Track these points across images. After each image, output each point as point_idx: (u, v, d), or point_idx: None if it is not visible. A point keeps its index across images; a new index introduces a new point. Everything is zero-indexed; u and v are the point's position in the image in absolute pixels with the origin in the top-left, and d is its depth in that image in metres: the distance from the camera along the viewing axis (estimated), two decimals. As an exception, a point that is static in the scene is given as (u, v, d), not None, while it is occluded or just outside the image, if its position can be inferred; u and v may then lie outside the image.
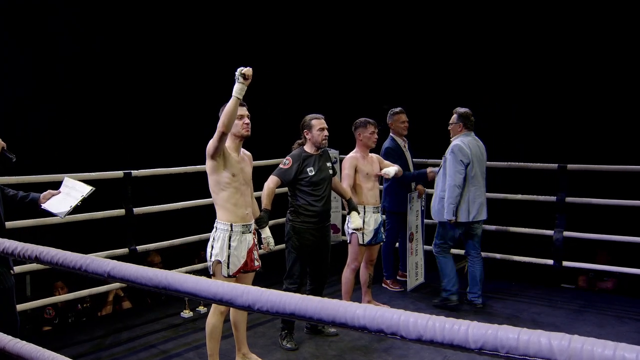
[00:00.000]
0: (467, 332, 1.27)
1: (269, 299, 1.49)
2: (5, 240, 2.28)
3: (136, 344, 4.81)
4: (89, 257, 1.99)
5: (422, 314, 1.35)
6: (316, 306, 1.42)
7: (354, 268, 5.20)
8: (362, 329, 1.37)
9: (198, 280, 1.65)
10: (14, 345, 2.34)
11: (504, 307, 5.65)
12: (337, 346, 4.67)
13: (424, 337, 1.31)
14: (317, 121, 4.61)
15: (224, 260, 3.81)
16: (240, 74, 3.54)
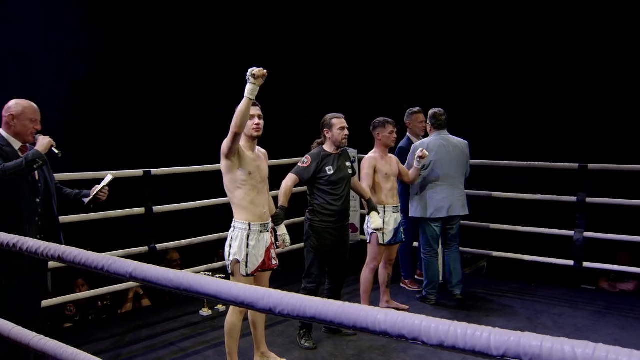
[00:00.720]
0: (490, 338, 1.26)
1: (290, 302, 1.49)
2: (29, 240, 2.31)
3: (155, 342, 4.84)
4: (110, 257, 2.01)
5: (443, 319, 1.34)
6: (337, 310, 1.42)
7: (373, 268, 5.19)
8: (384, 334, 1.37)
9: (219, 282, 1.65)
10: (38, 342, 2.37)
11: (523, 307, 5.60)
12: (356, 345, 4.67)
13: (445, 343, 1.31)
14: (338, 120, 4.60)
15: (242, 259, 3.81)
16: (250, 74, 3.53)
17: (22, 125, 3.61)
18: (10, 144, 3.61)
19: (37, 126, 3.67)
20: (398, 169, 5.27)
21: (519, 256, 6.27)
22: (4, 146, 3.56)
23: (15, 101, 3.65)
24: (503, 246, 5.99)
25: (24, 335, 2.46)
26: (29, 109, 3.64)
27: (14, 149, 3.61)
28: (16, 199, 3.55)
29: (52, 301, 5.08)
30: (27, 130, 3.63)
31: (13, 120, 3.60)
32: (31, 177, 3.61)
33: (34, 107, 3.68)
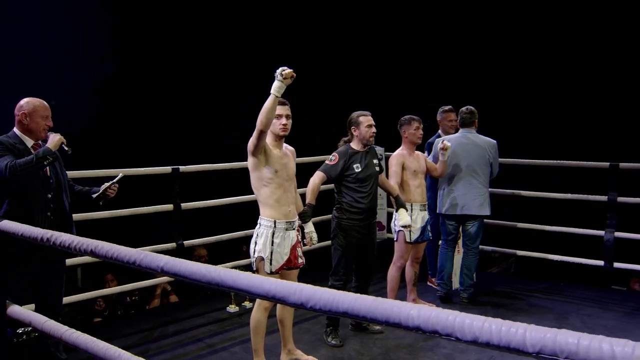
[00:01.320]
0: (525, 335, 1.24)
1: (322, 297, 1.49)
2: (62, 234, 2.34)
3: (183, 338, 4.87)
4: (142, 252, 2.03)
5: (477, 315, 1.33)
6: (370, 305, 1.41)
7: (400, 266, 5.17)
8: (416, 329, 1.36)
9: (251, 277, 1.66)
10: (70, 335, 2.40)
11: (552, 307, 5.54)
12: (383, 344, 4.65)
13: (479, 339, 1.30)
14: (365, 118, 4.59)
15: (266, 256, 3.81)
16: (280, 72, 3.54)
17: (35, 123, 3.72)
18: (23, 142, 3.71)
19: (49, 122, 3.78)
20: (426, 165, 5.25)
21: (547, 256, 6.19)
22: (16, 144, 3.66)
23: (27, 100, 3.75)
24: (531, 245, 5.92)
25: (56, 328, 2.50)
26: (40, 106, 3.75)
27: (26, 147, 3.71)
28: (28, 194, 3.65)
29: (82, 296, 5.15)
30: (40, 127, 3.74)
31: (26, 118, 3.69)
32: (42, 173, 3.70)
33: (44, 105, 3.78)
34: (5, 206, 3.55)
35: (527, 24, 7.68)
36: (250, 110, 3.93)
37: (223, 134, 8.94)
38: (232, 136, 7.15)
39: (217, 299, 5.77)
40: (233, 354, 4.50)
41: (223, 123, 8.97)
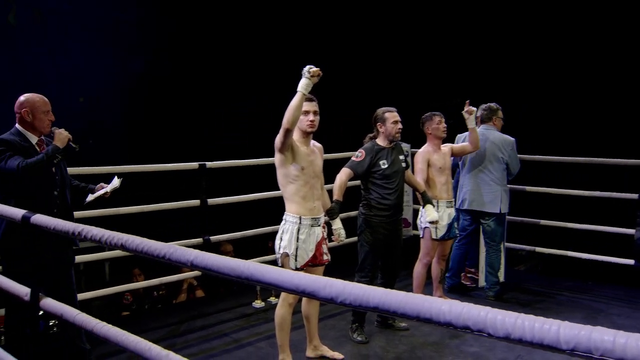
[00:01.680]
0: (559, 332, 1.23)
1: (352, 292, 1.48)
2: (93, 228, 2.37)
3: (209, 332, 4.91)
4: (172, 246, 2.04)
5: (510, 311, 1.31)
6: (400, 300, 1.41)
7: (426, 263, 5.15)
8: (448, 325, 1.35)
9: (281, 271, 1.66)
10: (100, 329, 2.43)
11: (580, 307, 5.47)
12: (408, 341, 4.64)
13: (512, 336, 1.28)
14: (391, 114, 4.57)
15: (291, 253, 3.81)
16: (307, 70, 3.55)
17: (38, 119, 3.68)
18: (28, 139, 3.69)
19: (50, 117, 3.75)
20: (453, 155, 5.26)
21: (575, 254, 6.10)
22: (21, 142, 3.65)
23: (25, 96, 3.72)
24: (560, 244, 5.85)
25: (87, 321, 2.53)
26: (40, 102, 3.71)
27: (31, 144, 3.70)
28: (36, 192, 3.66)
29: (110, 290, 5.21)
30: (44, 123, 3.71)
31: (28, 115, 3.66)
32: (49, 171, 3.69)
33: (44, 99, 3.75)
34: (13, 204, 3.45)
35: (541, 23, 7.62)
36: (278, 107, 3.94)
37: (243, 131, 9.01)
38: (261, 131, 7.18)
39: (243, 294, 5.81)
40: (259, 349, 4.52)
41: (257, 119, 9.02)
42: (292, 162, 3.78)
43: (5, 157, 3.51)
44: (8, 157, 3.50)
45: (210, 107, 8.97)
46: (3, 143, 3.57)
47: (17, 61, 7.61)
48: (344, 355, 4.29)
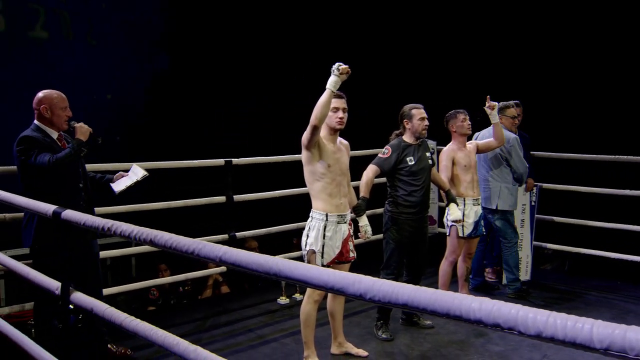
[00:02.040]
0: (592, 330, 1.21)
1: (381, 288, 1.48)
2: (122, 223, 2.39)
3: (234, 328, 4.94)
4: (201, 242, 2.05)
5: (541, 309, 1.30)
6: (430, 297, 1.40)
7: (452, 261, 5.13)
8: (478, 322, 1.34)
9: (309, 267, 1.66)
10: (129, 323, 2.46)
11: (609, 307, 5.41)
12: (433, 339, 4.62)
13: (543, 334, 1.27)
14: (417, 111, 4.55)
15: (318, 249, 3.82)
16: (336, 67, 3.54)
17: (56, 115, 3.75)
18: (49, 135, 3.76)
19: (68, 113, 3.81)
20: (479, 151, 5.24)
21: (604, 253, 6.03)
22: (44, 138, 3.71)
23: (43, 92, 3.78)
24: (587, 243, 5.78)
25: (116, 315, 2.56)
26: (57, 97, 3.77)
27: (53, 139, 3.76)
28: (64, 186, 3.75)
29: (137, 285, 5.27)
30: (61, 119, 3.77)
31: (47, 111, 3.73)
32: (74, 165, 3.77)
33: (62, 95, 3.81)
34: (41, 200, 3.51)
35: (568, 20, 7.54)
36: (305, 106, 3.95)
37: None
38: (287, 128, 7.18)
39: (268, 290, 5.84)
40: (284, 345, 4.54)
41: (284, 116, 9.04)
42: (319, 159, 3.78)
43: (34, 153, 3.57)
44: (37, 153, 3.57)
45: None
46: (28, 140, 3.63)
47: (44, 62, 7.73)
48: (368, 353, 4.29)
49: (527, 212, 5.95)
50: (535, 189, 5.96)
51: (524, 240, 5.92)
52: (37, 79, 7.28)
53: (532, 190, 5.94)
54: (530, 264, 6.00)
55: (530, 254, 5.99)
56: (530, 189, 5.90)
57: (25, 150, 3.61)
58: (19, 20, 7.67)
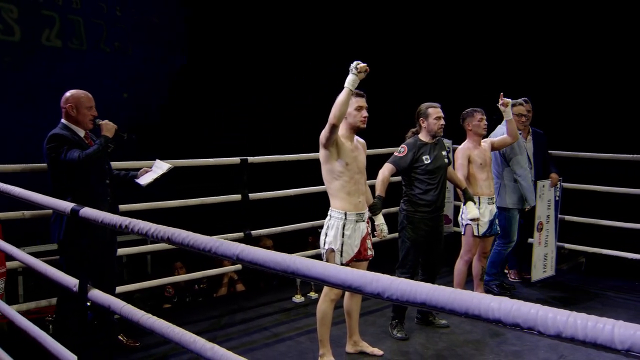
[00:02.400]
0: (613, 331, 1.20)
1: (399, 287, 1.47)
2: (139, 221, 2.40)
3: (250, 326, 4.95)
4: (218, 239, 2.06)
5: (561, 309, 1.29)
6: (449, 297, 1.39)
7: (468, 260, 5.11)
8: (497, 322, 1.33)
9: (326, 266, 1.66)
10: (146, 320, 2.47)
11: (626, 307, 5.35)
12: (448, 338, 4.61)
13: (563, 334, 1.26)
14: (434, 110, 4.53)
15: (337, 248, 3.82)
16: (355, 66, 3.54)
17: (82, 115, 3.88)
18: (76, 133, 3.88)
19: (93, 112, 3.93)
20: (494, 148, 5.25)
21: (621, 254, 5.97)
22: (72, 136, 3.83)
23: (71, 92, 3.91)
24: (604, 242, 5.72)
25: (133, 313, 2.57)
26: (84, 97, 3.90)
27: (80, 137, 3.89)
28: (93, 183, 3.87)
29: (153, 282, 5.30)
30: (87, 118, 3.90)
31: (73, 110, 3.85)
32: (100, 162, 3.89)
33: (88, 95, 3.93)
34: (70, 197, 3.66)
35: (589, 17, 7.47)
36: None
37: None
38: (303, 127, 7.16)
39: (283, 289, 5.85)
40: (299, 344, 4.54)
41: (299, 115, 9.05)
42: (337, 158, 3.78)
43: (64, 150, 3.69)
44: (66, 150, 3.69)
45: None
46: (58, 138, 3.75)
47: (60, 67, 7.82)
48: (383, 352, 4.28)
49: (552, 207, 5.91)
50: (559, 184, 5.93)
51: (549, 235, 5.88)
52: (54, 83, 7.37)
53: (557, 186, 5.92)
54: (555, 259, 5.98)
55: (555, 249, 5.97)
56: (555, 184, 5.87)
57: (56, 147, 3.73)
58: (34, 28, 7.79)
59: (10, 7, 7.54)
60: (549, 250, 5.91)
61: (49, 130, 3.86)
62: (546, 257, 5.89)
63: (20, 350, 3.93)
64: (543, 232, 5.82)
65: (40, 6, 7.81)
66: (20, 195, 3.29)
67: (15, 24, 7.61)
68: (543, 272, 5.89)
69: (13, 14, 7.60)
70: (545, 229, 5.83)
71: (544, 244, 5.85)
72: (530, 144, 5.84)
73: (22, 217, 4.33)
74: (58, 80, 7.39)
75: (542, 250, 5.83)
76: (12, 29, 7.59)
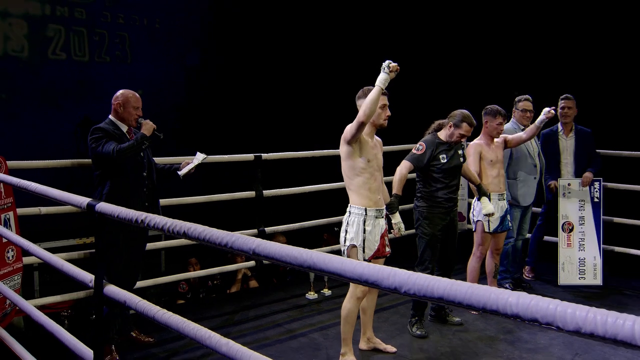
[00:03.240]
0: (634, 327, 1.19)
1: (417, 282, 1.47)
2: (155, 216, 2.41)
3: (263, 322, 4.96)
4: (234, 234, 2.05)
5: (580, 305, 1.28)
6: (466, 291, 1.39)
7: (480, 256, 5.10)
8: (515, 317, 1.33)
9: (343, 260, 1.65)
10: (161, 316, 2.47)
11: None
12: (462, 336, 4.60)
13: (582, 330, 1.25)
14: (465, 125, 4.50)
15: (359, 244, 3.81)
16: (387, 65, 3.55)
17: (127, 113, 4.12)
18: (120, 128, 4.12)
19: (139, 112, 4.16)
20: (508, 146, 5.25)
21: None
22: (114, 130, 4.07)
23: (121, 91, 4.15)
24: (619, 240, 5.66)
25: (149, 308, 2.58)
26: (132, 98, 4.13)
27: (122, 132, 4.10)
28: (129, 174, 4.07)
29: (167, 278, 5.32)
30: (131, 117, 4.13)
31: (120, 107, 4.10)
32: (138, 155, 4.09)
33: (137, 96, 4.16)
34: (108, 186, 3.97)
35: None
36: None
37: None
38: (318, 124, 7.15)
39: (296, 285, 5.86)
40: (312, 340, 4.55)
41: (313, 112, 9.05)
42: (360, 154, 3.77)
43: (102, 142, 3.92)
44: (104, 142, 3.92)
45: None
46: (99, 130, 4.00)
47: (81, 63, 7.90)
48: (396, 349, 4.28)
49: (587, 209, 5.76)
50: (597, 185, 5.77)
51: (587, 240, 5.71)
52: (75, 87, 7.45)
53: (594, 186, 5.75)
54: (600, 266, 5.72)
55: (599, 255, 5.72)
56: (586, 184, 5.74)
57: (96, 139, 3.96)
58: (42, 42, 7.92)
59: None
60: (587, 255, 5.72)
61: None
62: (583, 263, 5.69)
63: (37, 345, 3.97)
64: (574, 234, 5.70)
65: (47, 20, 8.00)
66: (37, 190, 3.32)
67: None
68: (580, 278, 5.71)
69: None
70: (579, 231, 5.69)
71: (578, 248, 5.70)
72: (571, 141, 5.82)
73: (39, 213, 4.38)
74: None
75: (572, 253, 5.71)
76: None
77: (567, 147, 5.80)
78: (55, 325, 3.30)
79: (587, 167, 5.76)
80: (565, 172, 5.83)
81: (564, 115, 5.76)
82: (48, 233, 6.98)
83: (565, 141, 5.80)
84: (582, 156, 5.80)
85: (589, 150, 5.83)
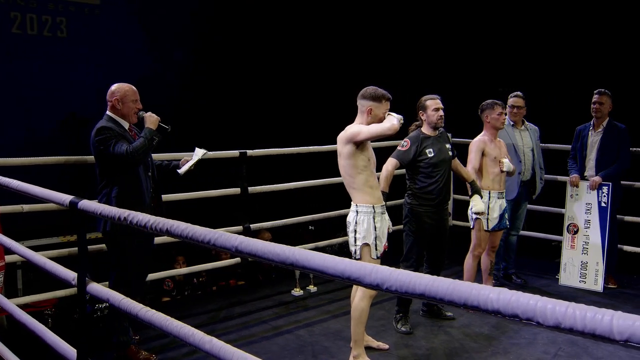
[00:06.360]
0: (612, 322, 1.20)
1: (398, 278, 1.46)
2: (138, 213, 2.40)
3: (249, 319, 4.95)
4: (217, 231, 2.05)
5: (560, 300, 1.29)
6: (447, 288, 1.39)
7: (477, 254, 5.09)
8: (496, 313, 1.33)
9: (325, 257, 1.65)
10: (145, 313, 2.46)
11: (630, 299, 5.34)
12: (451, 332, 4.60)
13: (562, 325, 1.25)
14: (432, 101, 4.52)
15: (372, 242, 3.78)
16: (399, 120, 3.68)
17: (127, 107, 3.91)
18: (121, 125, 3.90)
19: (138, 106, 3.97)
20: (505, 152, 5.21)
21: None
22: (118, 128, 3.85)
23: (117, 85, 3.94)
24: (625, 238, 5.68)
25: (132, 306, 2.57)
26: (129, 91, 3.93)
27: (124, 129, 3.91)
28: (137, 174, 3.89)
29: (152, 276, 5.29)
30: (131, 111, 3.93)
31: (119, 103, 3.88)
32: (147, 154, 3.92)
33: (133, 89, 3.97)
34: (117, 189, 3.79)
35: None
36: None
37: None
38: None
39: (282, 282, 5.86)
40: (298, 337, 4.54)
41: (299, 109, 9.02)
42: (362, 152, 3.77)
43: (112, 143, 3.72)
44: (114, 143, 3.72)
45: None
46: (106, 130, 3.78)
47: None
48: (388, 346, 4.28)
49: (594, 212, 5.61)
50: (606, 189, 5.55)
51: (591, 244, 5.62)
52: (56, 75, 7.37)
53: (602, 190, 5.57)
54: (602, 273, 5.55)
55: (602, 261, 5.55)
56: (594, 187, 5.58)
57: (104, 140, 3.74)
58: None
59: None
60: (590, 259, 5.61)
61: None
62: (585, 267, 5.60)
63: (20, 344, 3.93)
64: (579, 237, 5.64)
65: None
66: (19, 188, 3.29)
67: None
68: (580, 281, 5.64)
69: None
70: (584, 234, 5.62)
71: (582, 251, 5.62)
72: (598, 136, 5.62)
73: (21, 210, 4.33)
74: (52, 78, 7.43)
75: (575, 255, 5.65)
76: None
77: (593, 143, 5.63)
78: (38, 324, 3.28)
79: (612, 164, 5.54)
80: (588, 168, 5.68)
81: (595, 110, 5.57)
82: (32, 231, 6.93)
83: (593, 137, 5.63)
84: (607, 153, 5.56)
85: (617, 147, 5.55)
